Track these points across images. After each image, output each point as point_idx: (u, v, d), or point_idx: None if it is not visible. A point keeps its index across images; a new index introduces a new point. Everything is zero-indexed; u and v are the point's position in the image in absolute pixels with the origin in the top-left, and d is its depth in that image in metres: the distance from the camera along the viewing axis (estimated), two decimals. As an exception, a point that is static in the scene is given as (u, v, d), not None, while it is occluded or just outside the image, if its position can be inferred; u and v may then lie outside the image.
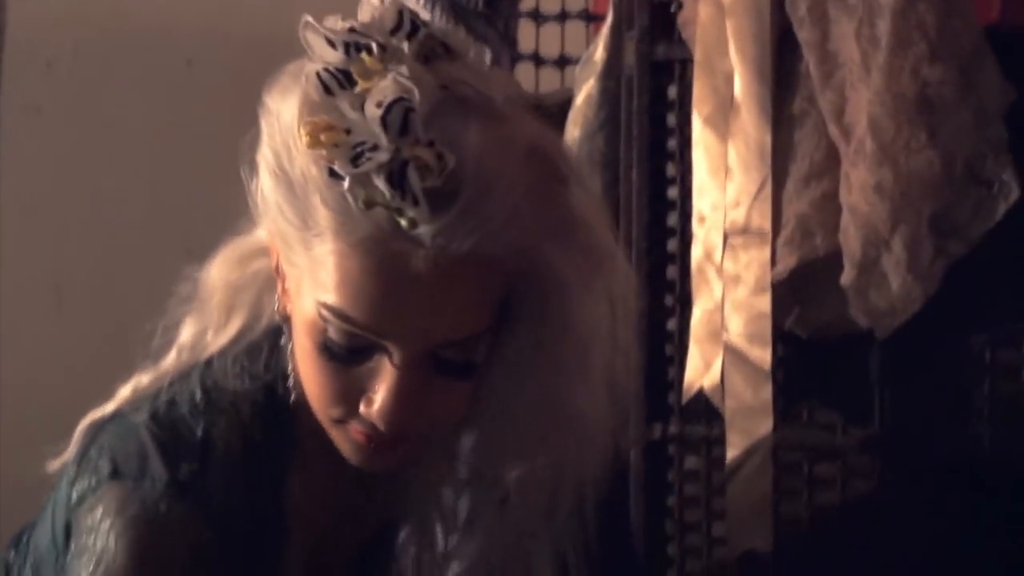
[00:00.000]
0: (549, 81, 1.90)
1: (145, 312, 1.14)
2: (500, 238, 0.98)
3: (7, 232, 2.19)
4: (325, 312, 0.99)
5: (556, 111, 1.63)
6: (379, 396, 1.00)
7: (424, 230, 0.95)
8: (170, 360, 1.12)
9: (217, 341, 1.11)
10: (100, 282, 2.22)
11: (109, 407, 1.12)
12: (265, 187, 1.02)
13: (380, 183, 0.95)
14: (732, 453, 1.46)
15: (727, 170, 1.44)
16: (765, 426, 1.45)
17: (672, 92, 1.53)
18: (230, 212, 1.09)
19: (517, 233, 0.99)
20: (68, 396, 1.15)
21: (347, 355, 1.01)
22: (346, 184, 0.96)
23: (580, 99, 1.59)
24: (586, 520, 1.18)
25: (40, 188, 2.23)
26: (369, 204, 0.95)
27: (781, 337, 1.45)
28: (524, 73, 1.84)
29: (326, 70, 0.98)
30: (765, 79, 1.43)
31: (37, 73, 2.25)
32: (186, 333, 1.13)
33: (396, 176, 0.95)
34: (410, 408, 1.00)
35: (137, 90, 2.27)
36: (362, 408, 1.02)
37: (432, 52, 1.01)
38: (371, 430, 1.02)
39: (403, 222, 0.95)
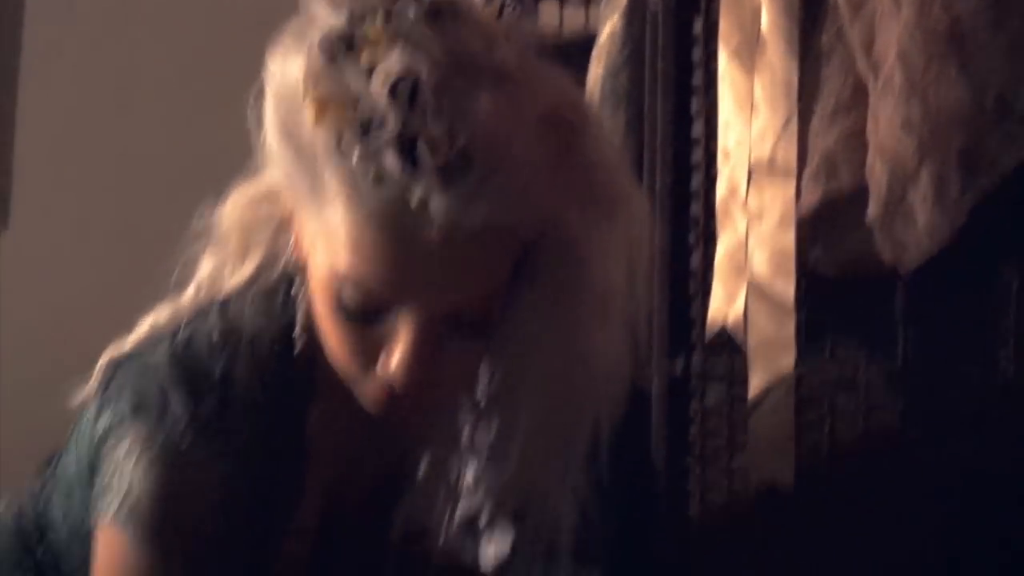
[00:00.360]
0: (574, 19, 1.84)
1: (172, 245, 1.10)
2: (514, 210, 0.94)
3: (30, 163, 2.15)
4: (339, 273, 0.96)
5: (579, 51, 1.57)
6: (395, 356, 0.97)
7: (435, 206, 0.91)
8: (188, 297, 1.09)
9: (234, 279, 1.08)
10: (125, 213, 2.18)
11: (128, 343, 1.09)
12: (273, 146, 0.98)
13: (389, 160, 0.91)
14: (754, 388, 1.42)
15: (752, 105, 1.39)
16: (787, 361, 1.40)
17: (697, 27, 1.47)
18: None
19: (531, 203, 0.95)
20: (94, 329, 1.12)
21: (362, 315, 0.98)
22: (354, 160, 0.91)
23: (604, 36, 1.53)
24: (605, 454, 1.16)
25: (64, 115, 2.17)
26: (378, 180, 0.91)
27: (804, 273, 1.40)
28: (548, 12, 1.78)
29: (330, 38, 0.93)
30: (792, 13, 1.37)
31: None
32: (203, 271, 1.10)
33: (405, 152, 0.91)
34: (426, 369, 0.97)
35: (164, 18, 2.21)
36: (379, 368, 0.99)
37: (438, 13, 0.95)
38: (388, 387, 0.99)
39: (414, 199, 0.91)
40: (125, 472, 1.00)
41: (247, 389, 1.02)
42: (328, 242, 0.96)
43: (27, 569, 1.14)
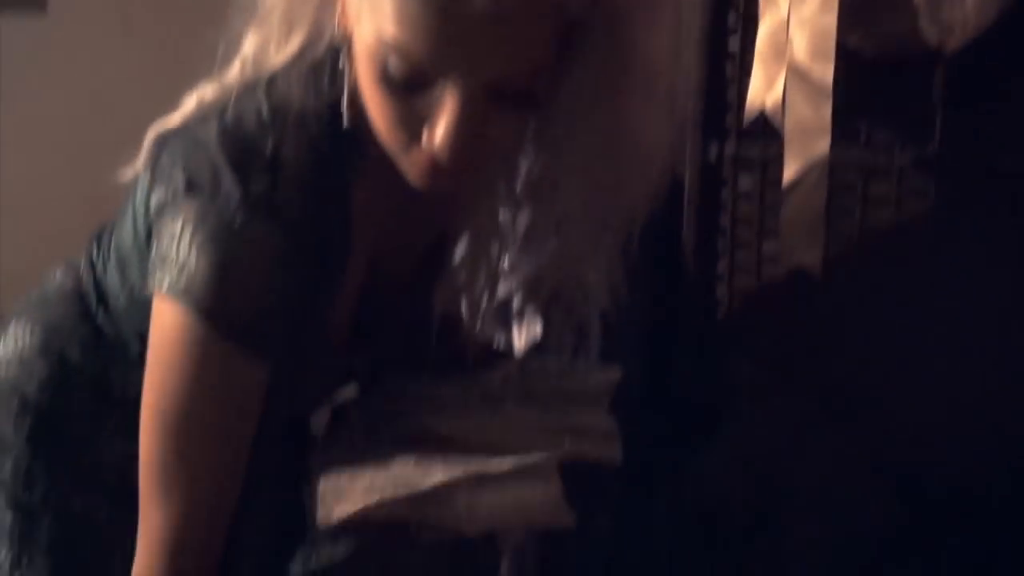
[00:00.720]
0: None
1: (214, 24, 1.05)
2: None
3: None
4: (384, 43, 0.92)
5: None
6: (439, 128, 0.94)
7: None
8: (233, 74, 1.05)
9: (279, 56, 1.04)
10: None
11: (175, 118, 1.05)
12: None
13: None
14: (789, 172, 1.38)
15: None
16: (823, 145, 1.36)
17: None
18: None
19: None
20: (135, 111, 1.08)
21: (407, 86, 0.94)
22: None
23: None
24: (640, 239, 1.14)
25: None
26: None
27: (844, 55, 1.34)
28: None
29: None
30: None
31: None
32: (247, 48, 1.05)
33: None
34: (470, 140, 0.94)
35: None
36: (423, 139, 0.95)
37: None
38: (432, 160, 0.96)
39: None
40: (181, 247, 0.98)
41: (296, 165, 0.99)
42: (373, 12, 0.92)
43: (88, 332, 1.14)
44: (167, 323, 1.00)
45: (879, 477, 1.42)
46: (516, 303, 1.22)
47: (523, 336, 1.42)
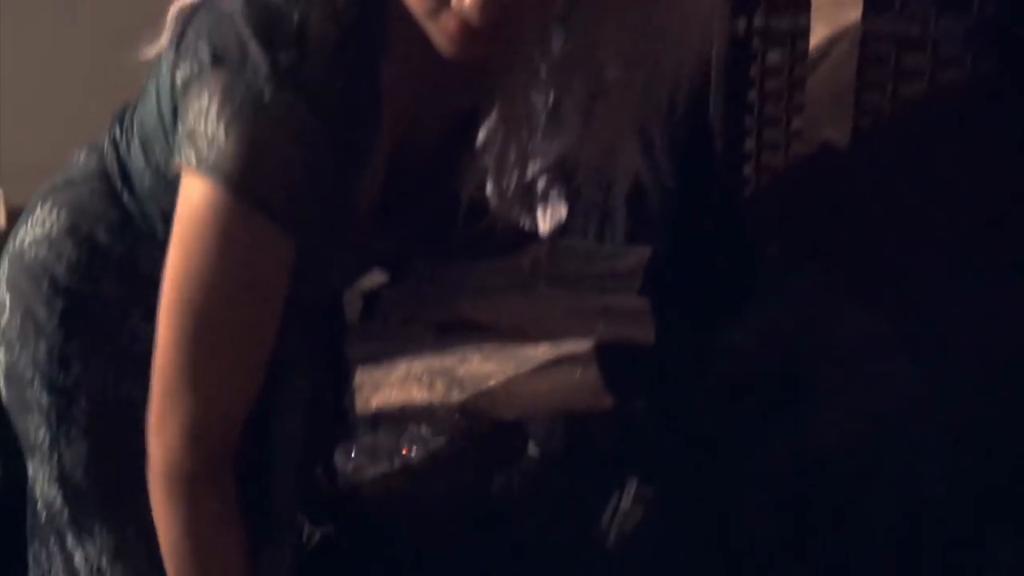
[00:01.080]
0: None
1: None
2: None
3: None
4: None
5: None
6: None
7: None
8: None
9: None
10: None
11: None
12: None
13: None
14: (816, 42, 1.33)
15: None
16: (854, 13, 1.31)
17: None
18: None
19: None
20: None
21: None
22: None
23: None
24: (669, 121, 1.09)
25: None
26: None
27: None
28: None
29: None
30: None
31: None
32: None
33: None
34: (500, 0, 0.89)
35: None
36: (453, 0, 0.90)
37: None
38: (463, 22, 0.91)
39: None
40: (208, 122, 0.94)
41: (323, 38, 0.94)
42: None
43: (115, 214, 1.11)
44: (195, 199, 0.96)
45: (905, 352, 1.40)
46: (542, 185, 1.18)
47: (548, 219, 1.39)
